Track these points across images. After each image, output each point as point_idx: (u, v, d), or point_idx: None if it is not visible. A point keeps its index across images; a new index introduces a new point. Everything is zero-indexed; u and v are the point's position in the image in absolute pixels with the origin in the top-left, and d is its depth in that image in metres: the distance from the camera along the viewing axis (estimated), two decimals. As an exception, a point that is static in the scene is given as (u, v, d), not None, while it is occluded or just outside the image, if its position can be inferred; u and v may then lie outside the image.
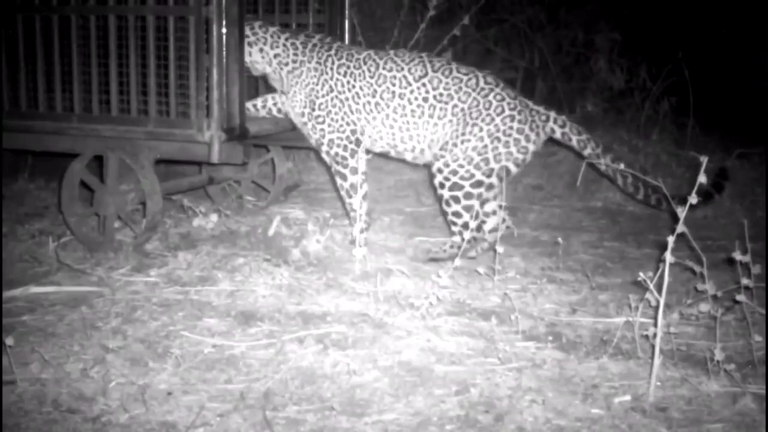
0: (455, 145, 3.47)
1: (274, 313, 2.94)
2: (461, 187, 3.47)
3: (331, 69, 3.61)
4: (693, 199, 2.39)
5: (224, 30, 3.34)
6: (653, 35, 6.74)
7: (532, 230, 4.26)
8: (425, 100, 3.51)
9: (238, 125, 3.48)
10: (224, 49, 3.36)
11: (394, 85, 3.54)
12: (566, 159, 5.46)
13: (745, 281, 2.55)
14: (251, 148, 3.82)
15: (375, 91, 3.55)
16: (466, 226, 3.47)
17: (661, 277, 2.38)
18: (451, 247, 3.58)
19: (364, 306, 3.03)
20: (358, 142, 3.63)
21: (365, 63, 3.58)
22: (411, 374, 2.50)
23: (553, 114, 3.58)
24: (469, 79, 3.51)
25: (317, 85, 3.63)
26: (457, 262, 2.98)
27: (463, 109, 3.48)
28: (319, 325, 2.86)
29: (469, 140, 3.44)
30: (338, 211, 4.30)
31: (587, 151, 3.56)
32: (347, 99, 3.59)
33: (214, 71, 3.36)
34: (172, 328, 2.80)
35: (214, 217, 3.91)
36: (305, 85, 3.65)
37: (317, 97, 3.62)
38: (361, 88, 3.56)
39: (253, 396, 2.34)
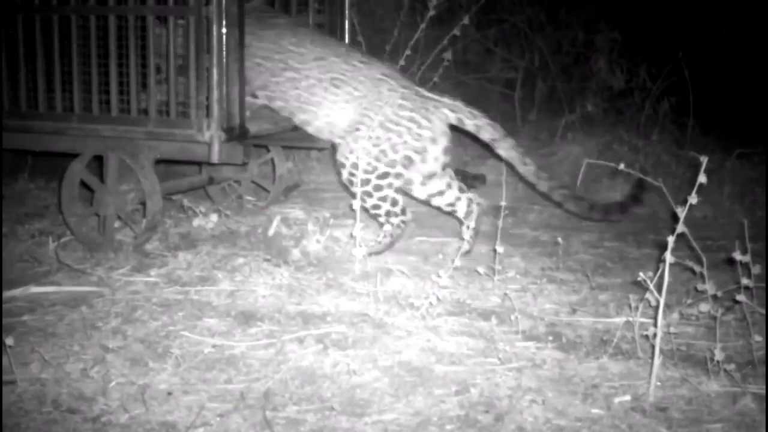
0: (350, 134, 3.51)
1: (274, 313, 2.94)
2: (368, 182, 3.52)
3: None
4: (693, 198, 2.39)
5: (224, 30, 3.34)
6: (653, 35, 6.74)
7: (532, 230, 4.26)
8: (319, 80, 3.57)
9: (238, 125, 3.48)
10: (224, 49, 3.36)
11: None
12: (566, 159, 5.47)
13: (745, 281, 2.55)
14: (251, 148, 3.82)
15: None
16: (389, 214, 3.57)
17: (661, 277, 2.38)
18: (384, 236, 3.64)
19: (364, 306, 3.03)
20: None
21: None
22: (411, 374, 2.50)
23: (446, 99, 3.58)
24: (366, 68, 3.56)
25: None
26: (457, 261, 2.98)
27: (356, 96, 3.53)
28: (319, 325, 2.86)
29: (360, 130, 3.50)
30: (338, 211, 4.30)
31: (485, 136, 3.58)
32: None
33: (214, 71, 3.36)
34: (172, 328, 2.80)
35: (214, 217, 3.91)
36: None
37: None
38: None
39: (253, 396, 2.34)
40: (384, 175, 3.53)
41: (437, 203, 3.78)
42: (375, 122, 3.50)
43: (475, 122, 3.57)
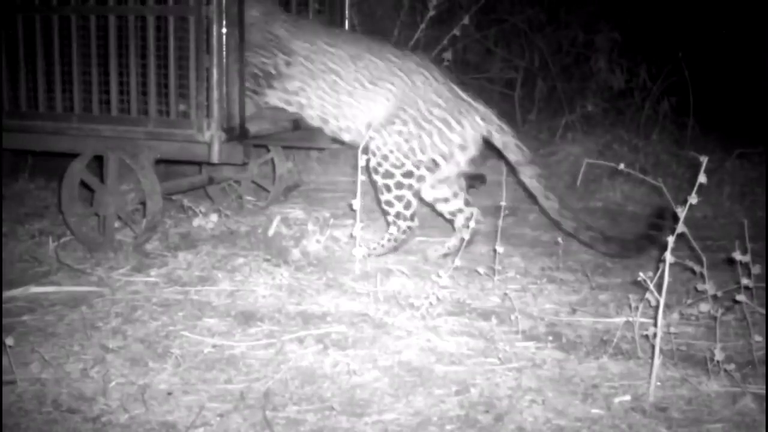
0: (385, 127, 3.47)
1: (274, 313, 2.94)
2: (392, 175, 3.48)
3: None
4: (693, 199, 2.39)
5: (224, 30, 3.34)
6: (653, 35, 6.74)
7: (532, 230, 4.26)
8: (359, 81, 3.53)
9: (238, 125, 3.48)
10: (224, 49, 3.36)
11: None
12: (566, 159, 5.47)
13: (745, 281, 2.55)
14: (251, 148, 3.82)
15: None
16: (399, 215, 3.52)
17: (661, 277, 2.38)
18: (388, 240, 3.61)
19: (364, 306, 3.03)
20: None
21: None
22: (411, 374, 2.50)
23: (480, 106, 3.49)
24: (401, 62, 3.52)
25: None
26: (457, 261, 2.98)
27: (394, 93, 3.48)
28: (319, 325, 2.86)
29: (395, 124, 3.45)
30: (338, 211, 4.30)
31: (510, 156, 3.49)
32: None
33: (214, 71, 3.36)
34: (172, 328, 2.80)
35: (214, 217, 3.91)
36: None
37: None
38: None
39: (253, 396, 2.34)
40: (408, 174, 3.49)
41: (440, 208, 3.77)
42: (409, 117, 3.45)
43: (504, 139, 3.49)
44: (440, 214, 3.83)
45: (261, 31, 3.65)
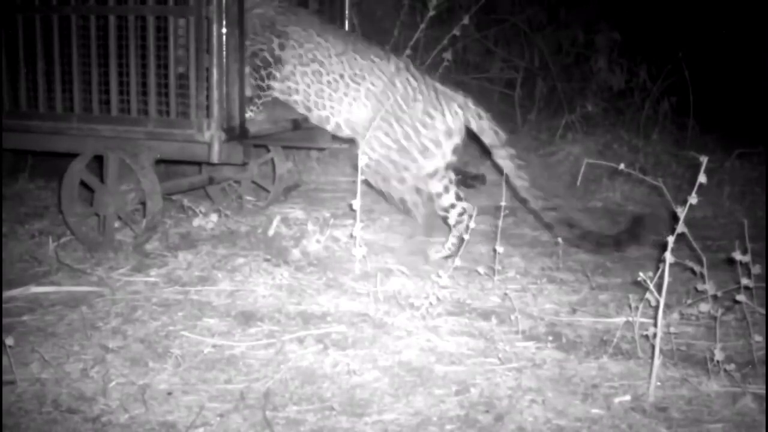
0: (368, 128, 3.54)
1: (274, 313, 2.94)
2: (389, 177, 3.54)
3: None
4: (693, 199, 2.39)
5: (224, 30, 3.34)
6: (653, 35, 6.74)
7: (532, 230, 4.26)
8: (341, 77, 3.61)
9: (238, 125, 3.48)
10: (224, 49, 3.36)
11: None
12: (566, 159, 5.47)
13: (745, 281, 2.55)
14: (251, 148, 3.82)
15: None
16: (416, 205, 3.57)
17: (661, 277, 2.38)
18: (453, 245, 3.65)
19: (364, 306, 3.03)
20: None
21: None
22: (411, 374, 2.50)
23: (458, 96, 3.59)
24: (383, 63, 3.59)
25: None
26: (457, 261, 2.98)
27: (375, 93, 3.55)
28: (319, 325, 2.86)
29: (380, 126, 3.52)
30: (338, 211, 4.30)
31: (486, 139, 3.59)
32: None
33: (214, 71, 3.36)
34: (172, 328, 2.80)
35: (214, 217, 3.91)
36: None
37: None
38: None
39: (253, 396, 2.34)
40: (404, 168, 3.54)
41: (437, 204, 3.78)
42: (391, 116, 3.51)
43: (480, 123, 3.58)
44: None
45: (257, 17, 3.69)
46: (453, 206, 3.72)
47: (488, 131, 3.58)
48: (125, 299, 3.07)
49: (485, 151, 3.76)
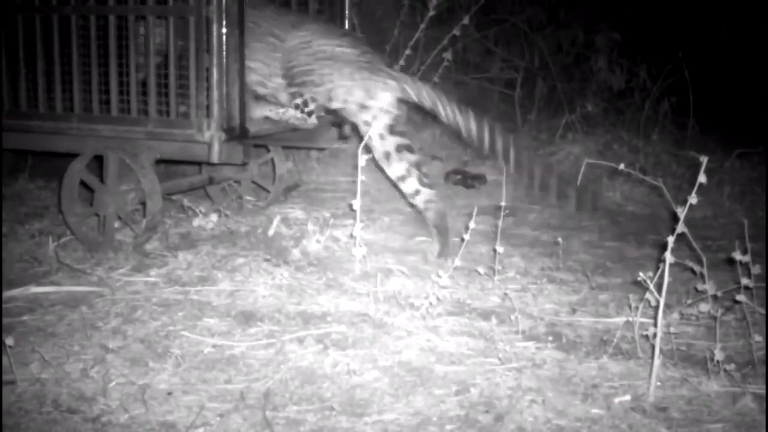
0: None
1: (274, 313, 2.94)
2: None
3: None
4: (693, 199, 2.39)
5: (224, 30, 3.34)
6: (653, 35, 6.75)
7: (532, 230, 4.26)
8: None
9: (238, 125, 3.48)
10: (224, 49, 3.36)
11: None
12: (566, 159, 5.47)
13: (745, 281, 2.55)
14: (251, 148, 3.82)
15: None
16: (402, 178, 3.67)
17: (661, 277, 2.38)
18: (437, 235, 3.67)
19: (364, 306, 3.03)
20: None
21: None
22: (411, 374, 2.50)
23: (393, 72, 3.73)
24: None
25: None
26: (457, 261, 2.98)
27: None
28: (319, 325, 2.86)
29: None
30: (338, 211, 4.30)
31: (427, 104, 3.66)
32: None
33: (214, 71, 3.36)
34: (172, 328, 2.80)
35: (214, 217, 3.91)
36: None
37: None
38: None
39: (253, 396, 2.34)
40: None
41: (402, 189, 3.76)
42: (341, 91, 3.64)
43: (415, 88, 3.64)
44: (406, 200, 3.85)
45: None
46: (418, 192, 3.67)
47: (425, 96, 3.64)
48: (125, 299, 3.07)
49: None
